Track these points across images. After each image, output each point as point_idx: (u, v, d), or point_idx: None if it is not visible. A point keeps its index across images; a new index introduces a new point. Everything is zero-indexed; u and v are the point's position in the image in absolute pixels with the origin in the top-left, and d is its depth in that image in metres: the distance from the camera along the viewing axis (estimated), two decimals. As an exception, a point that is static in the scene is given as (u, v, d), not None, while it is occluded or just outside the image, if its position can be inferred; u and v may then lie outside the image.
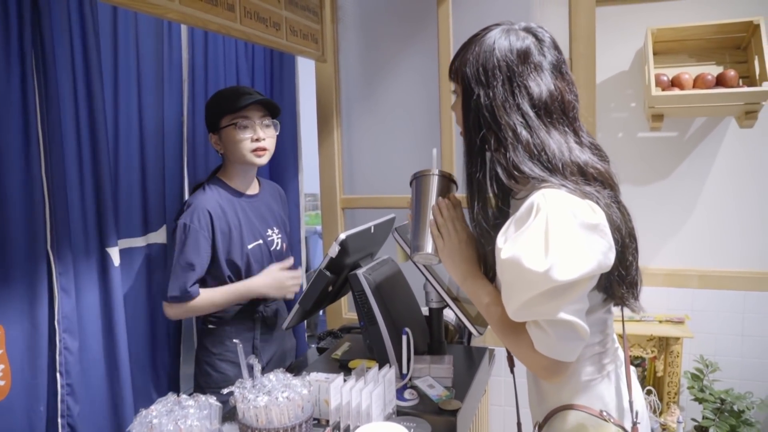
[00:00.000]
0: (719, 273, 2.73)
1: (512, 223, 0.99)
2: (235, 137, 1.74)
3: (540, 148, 1.00)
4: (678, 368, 2.59)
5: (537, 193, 0.96)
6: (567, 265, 0.90)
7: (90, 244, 1.63)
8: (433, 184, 1.20)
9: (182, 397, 1.19)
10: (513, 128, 1.01)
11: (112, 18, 1.76)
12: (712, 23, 2.50)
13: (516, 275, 0.94)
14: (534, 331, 0.98)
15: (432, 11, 2.15)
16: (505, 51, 1.04)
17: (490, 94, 1.03)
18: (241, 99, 1.73)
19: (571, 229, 0.92)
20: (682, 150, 2.75)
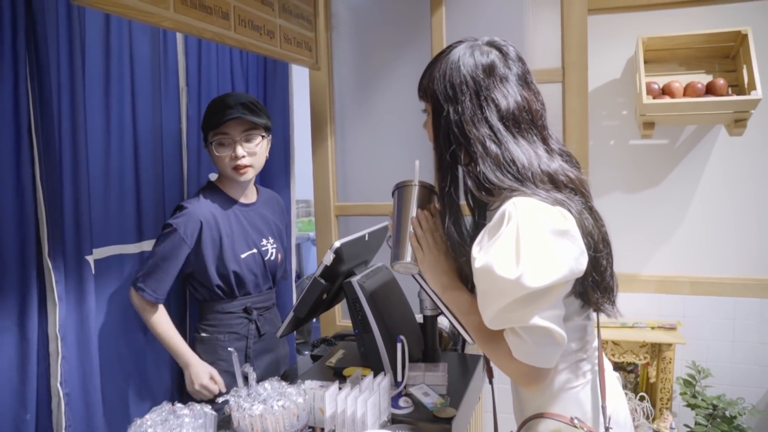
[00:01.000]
0: (711, 279, 2.76)
1: (486, 233, 1.01)
2: (216, 155, 1.74)
3: (509, 159, 1.03)
4: (670, 374, 2.60)
5: (508, 202, 0.98)
6: (538, 271, 0.91)
7: (82, 251, 1.62)
8: (413, 195, 1.22)
9: (177, 406, 1.18)
10: (482, 142, 1.03)
11: (104, 24, 1.75)
12: (702, 32, 2.54)
13: (489, 283, 0.96)
14: (511, 338, 0.99)
15: (426, 19, 2.17)
16: (471, 67, 1.07)
17: (458, 109, 1.05)
18: (221, 114, 1.71)
19: (541, 235, 0.93)
20: (673, 157, 2.77)
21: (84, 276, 1.61)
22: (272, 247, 1.87)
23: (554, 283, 0.92)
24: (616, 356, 2.66)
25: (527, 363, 0.98)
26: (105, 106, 1.76)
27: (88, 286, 1.63)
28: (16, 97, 1.42)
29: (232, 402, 1.22)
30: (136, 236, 1.85)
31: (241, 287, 1.79)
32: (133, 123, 1.84)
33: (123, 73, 1.80)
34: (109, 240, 1.76)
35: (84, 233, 1.61)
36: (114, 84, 1.78)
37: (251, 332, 1.81)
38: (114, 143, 1.78)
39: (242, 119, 1.72)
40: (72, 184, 1.58)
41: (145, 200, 1.87)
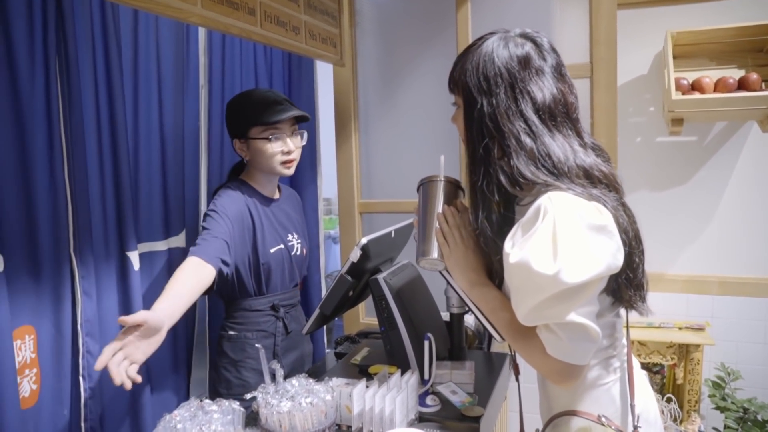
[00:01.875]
0: (741, 280, 2.70)
1: (519, 228, 0.99)
2: (266, 151, 1.73)
3: (545, 153, 1.01)
4: (698, 376, 2.55)
5: (543, 196, 0.97)
6: (576, 267, 0.90)
7: (110, 247, 1.63)
8: (439, 191, 1.21)
9: (205, 402, 1.18)
10: (516, 135, 1.02)
11: (133, 22, 1.77)
12: (733, 26, 2.48)
13: (525, 279, 0.94)
14: (545, 335, 0.98)
15: (451, 15, 2.15)
16: (506, 58, 1.04)
17: (492, 102, 1.03)
18: (273, 111, 1.71)
19: (578, 231, 0.92)
20: (702, 155, 2.72)
21: (109, 272, 1.63)
22: (297, 242, 1.87)
23: (592, 279, 0.91)
24: (643, 356, 2.62)
25: (562, 360, 0.97)
26: (134, 104, 1.77)
27: (113, 281, 1.64)
28: (48, 95, 1.43)
29: (259, 398, 1.21)
30: (164, 233, 1.86)
31: (269, 283, 1.79)
32: (160, 121, 1.85)
33: (150, 71, 1.82)
34: (140, 237, 1.77)
35: (110, 230, 1.62)
36: (142, 81, 1.79)
37: (279, 330, 1.81)
38: (142, 141, 1.79)
39: (292, 116, 1.75)
40: (99, 181, 1.60)
41: (171, 198, 1.88)
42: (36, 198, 1.40)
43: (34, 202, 1.40)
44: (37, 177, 1.40)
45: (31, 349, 1.38)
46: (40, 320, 1.41)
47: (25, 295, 1.37)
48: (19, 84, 1.37)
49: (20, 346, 1.34)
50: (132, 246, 1.67)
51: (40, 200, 1.41)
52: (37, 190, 1.40)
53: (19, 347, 1.34)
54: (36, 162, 1.40)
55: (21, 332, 1.36)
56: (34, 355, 1.39)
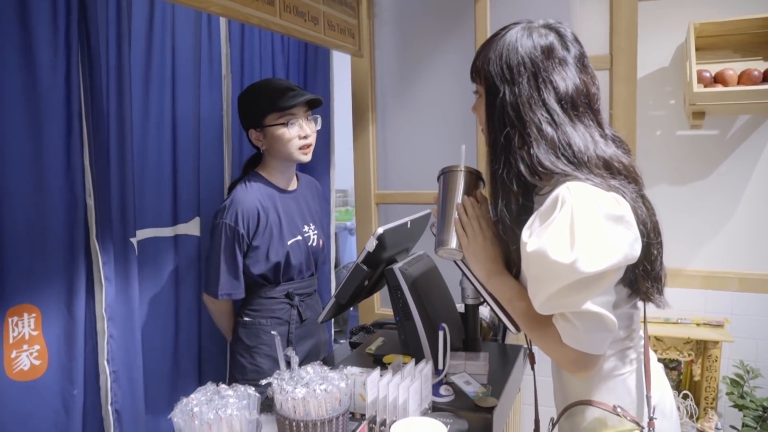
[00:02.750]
0: (762, 276, 2.65)
1: (537, 217, 0.99)
2: (284, 136, 1.75)
3: (565, 143, 1.01)
4: (716, 373, 2.52)
5: (561, 186, 0.97)
6: (593, 256, 0.90)
7: (128, 234, 1.66)
8: (459, 181, 1.21)
9: (221, 387, 1.20)
10: (537, 124, 1.02)
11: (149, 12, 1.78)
12: (759, 17, 2.42)
13: (542, 268, 0.94)
14: (561, 324, 0.98)
15: (469, 8, 2.13)
16: (530, 48, 1.04)
17: (515, 91, 1.03)
18: (288, 97, 1.73)
19: (596, 220, 0.92)
20: (724, 149, 2.67)
21: (129, 257, 1.66)
22: (314, 233, 1.88)
23: (609, 269, 0.91)
24: (659, 352, 2.59)
25: (577, 349, 0.97)
26: (146, 93, 1.79)
27: (133, 267, 1.67)
28: (68, 85, 1.46)
29: (275, 384, 1.22)
30: (171, 220, 1.89)
31: (286, 273, 1.81)
32: (173, 110, 1.87)
33: (165, 61, 1.84)
34: (145, 223, 1.80)
35: (129, 216, 1.65)
36: (155, 71, 1.81)
37: (293, 317, 1.83)
38: (162, 130, 1.82)
39: (306, 100, 1.76)
40: (118, 169, 1.62)
41: (182, 185, 1.90)
42: (52, 185, 1.43)
43: (49, 192, 1.43)
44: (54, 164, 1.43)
45: (31, 326, 1.42)
46: (46, 302, 1.44)
47: (26, 277, 1.40)
48: (40, 73, 1.40)
49: (17, 322, 1.39)
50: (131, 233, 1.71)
51: (55, 187, 1.43)
52: (53, 177, 1.43)
53: (15, 323, 1.38)
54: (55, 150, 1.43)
55: (19, 310, 1.39)
56: (36, 332, 1.43)
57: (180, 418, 1.11)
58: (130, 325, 1.65)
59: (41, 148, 1.41)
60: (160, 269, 1.88)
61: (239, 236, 1.70)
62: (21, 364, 1.41)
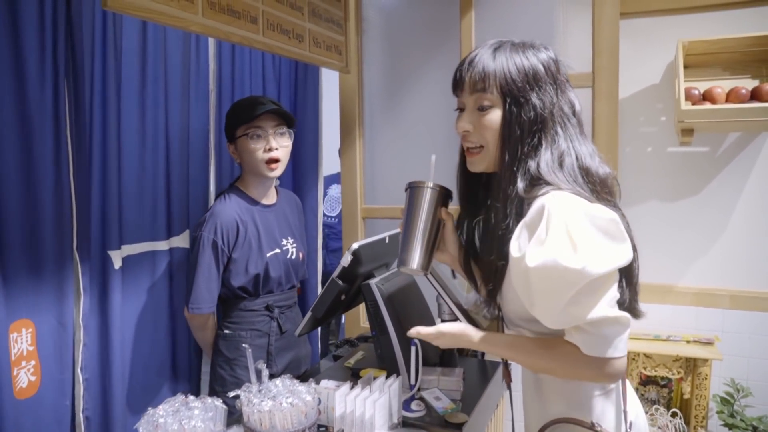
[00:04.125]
0: (753, 294, 2.63)
1: (524, 229, 1.00)
2: (248, 147, 1.78)
3: (573, 156, 1.04)
4: (706, 391, 2.50)
5: (545, 197, 0.98)
6: (598, 258, 0.92)
7: (111, 245, 1.69)
8: (425, 198, 1.19)
9: (190, 398, 1.22)
10: (556, 136, 1.04)
11: (141, 29, 1.83)
12: (747, 35, 2.43)
13: (552, 278, 0.94)
14: (579, 337, 0.98)
15: (455, 24, 2.16)
16: (545, 60, 1.06)
17: (542, 99, 1.04)
18: (254, 109, 1.76)
19: (589, 225, 0.94)
20: (714, 166, 2.67)
21: (108, 269, 1.68)
22: (293, 246, 1.91)
23: (614, 269, 0.94)
24: (648, 369, 2.58)
25: (602, 356, 0.97)
26: (140, 107, 1.83)
27: (111, 278, 1.70)
28: (56, 99, 1.50)
29: (243, 397, 1.24)
30: (166, 233, 1.91)
31: (265, 286, 1.83)
32: (166, 125, 1.91)
33: (157, 76, 1.88)
34: (140, 237, 1.83)
35: (110, 229, 1.68)
36: (149, 86, 1.85)
37: (273, 330, 1.85)
38: (148, 144, 1.85)
39: (275, 114, 1.79)
40: (100, 182, 1.65)
41: (174, 199, 1.93)
42: (41, 197, 1.46)
43: (39, 203, 1.46)
44: (43, 177, 1.46)
45: (28, 341, 1.44)
46: (39, 315, 1.46)
47: (23, 291, 1.42)
48: (28, 89, 1.44)
49: (16, 339, 1.40)
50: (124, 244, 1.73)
51: (45, 199, 1.47)
52: (42, 190, 1.46)
53: (15, 340, 1.40)
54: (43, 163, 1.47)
55: (18, 326, 1.41)
56: (32, 347, 1.45)
57: (145, 429, 1.12)
58: (104, 335, 1.68)
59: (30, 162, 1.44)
60: (153, 282, 1.90)
61: (218, 249, 1.73)
62: (21, 381, 1.43)
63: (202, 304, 1.74)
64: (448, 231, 1.21)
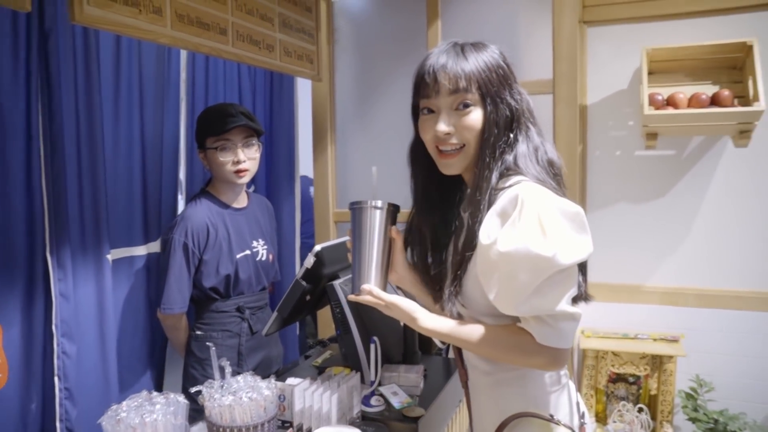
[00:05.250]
0: (717, 292, 2.72)
1: (495, 217, 1.02)
2: (217, 160, 1.84)
3: (543, 149, 1.10)
4: (672, 387, 2.58)
5: (517, 187, 1.02)
6: (568, 249, 0.96)
7: (88, 251, 1.73)
8: (376, 220, 1.14)
9: (153, 394, 1.28)
10: (527, 131, 1.09)
11: (115, 39, 1.88)
12: (708, 43, 2.52)
13: (521, 264, 0.96)
14: (537, 327, 1.01)
15: (422, 33, 2.24)
16: (505, 59, 1.11)
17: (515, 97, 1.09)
18: (224, 122, 1.81)
19: (559, 217, 0.98)
20: (680, 168, 2.75)
21: (88, 275, 1.73)
22: (263, 248, 1.97)
23: (579, 261, 0.98)
24: (617, 367, 2.66)
25: (555, 347, 1.01)
26: (114, 117, 1.88)
27: (95, 284, 1.74)
28: (28, 109, 1.55)
29: (205, 392, 1.30)
30: (143, 238, 1.97)
31: (236, 287, 1.89)
32: (141, 132, 1.96)
33: (132, 86, 1.93)
34: (118, 242, 1.88)
35: (88, 235, 1.72)
36: (123, 95, 1.90)
37: (244, 330, 1.91)
38: (122, 152, 1.90)
39: (244, 126, 1.83)
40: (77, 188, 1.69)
41: (150, 205, 1.99)
42: (12, 203, 1.51)
43: (10, 207, 1.51)
44: (14, 182, 1.52)
45: None
46: (8, 317, 1.51)
47: None
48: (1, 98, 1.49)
49: None
50: (107, 250, 1.78)
51: (14, 206, 1.52)
52: (12, 196, 1.51)
53: None
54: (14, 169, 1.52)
55: None
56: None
57: (107, 423, 1.18)
58: (86, 343, 1.71)
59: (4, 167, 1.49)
60: (132, 287, 1.95)
61: (189, 251, 1.78)
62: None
63: (174, 304, 1.80)
64: (398, 250, 1.21)
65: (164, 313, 1.80)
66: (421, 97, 1.11)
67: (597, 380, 2.72)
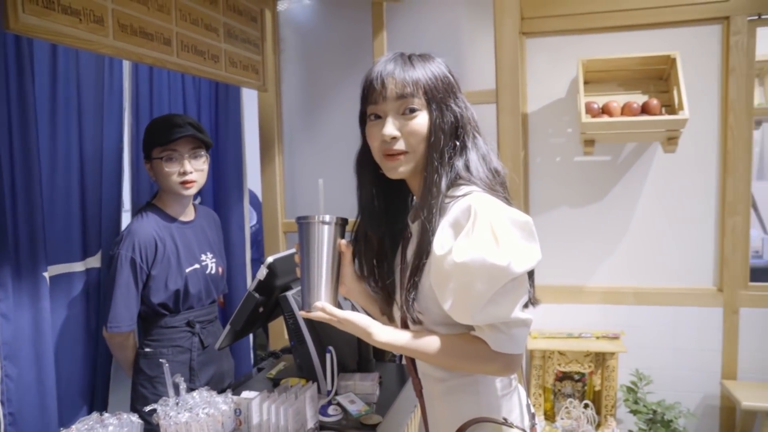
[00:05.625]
0: (653, 290, 2.87)
1: (448, 228, 1.04)
2: (163, 170, 1.80)
3: (489, 158, 1.12)
4: (614, 382, 2.70)
5: (468, 197, 1.04)
6: (520, 257, 0.98)
7: (24, 269, 1.66)
8: (324, 235, 1.13)
9: (105, 416, 1.24)
10: (474, 139, 1.11)
11: (51, 47, 1.81)
12: (637, 56, 2.68)
13: (476, 274, 0.97)
14: (491, 335, 1.03)
15: (368, 43, 2.27)
16: (450, 70, 1.13)
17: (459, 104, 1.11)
18: (170, 132, 1.78)
19: (510, 226, 1.00)
20: (616, 173, 2.90)
21: (32, 293, 1.65)
22: (211, 261, 1.94)
23: (531, 267, 1.00)
24: (563, 366, 2.76)
25: (509, 353, 1.04)
26: (51, 128, 1.80)
27: (37, 303, 1.66)
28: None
29: (159, 410, 1.27)
30: (81, 254, 1.90)
31: (186, 302, 1.85)
32: (80, 144, 1.89)
33: (69, 96, 1.86)
34: (58, 258, 1.80)
35: (22, 252, 1.64)
36: (60, 107, 1.83)
37: (195, 345, 1.87)
38: (60, 164, 1.83)
39: (191, 137, 1.81)
40: (11, 204, 1.61)
41: (89, 219, 1.92)
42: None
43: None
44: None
45: None
46: None
47: None
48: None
49: None
50: (45, 267, 1.70)
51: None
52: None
53: None
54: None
55: None
56: None
57: (57, 449, 1.14)
58: (25, 364, 1.62)
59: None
60: (72, 305, 1.87)
61: (137, 266, 1.74)
62: None
63: (122, 322, 1.74)
64: (346, 263, 1.19)
65: (111, 331, 1.74)
66: (369, 103, 1.12)
67: (545, 379, 2.81)
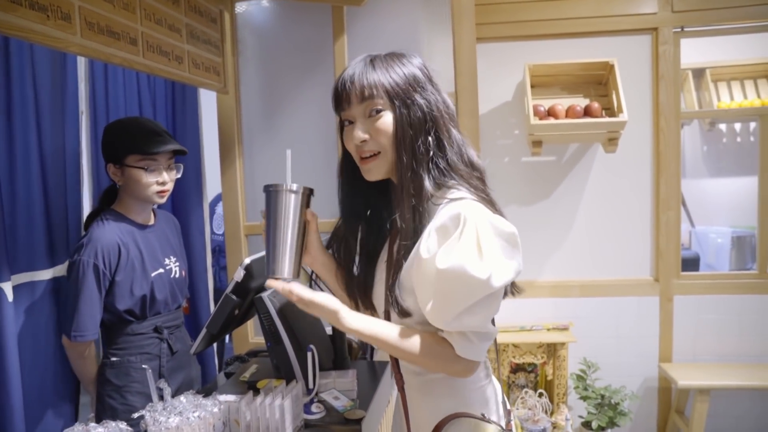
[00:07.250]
0: (597, 282, 3.05)
1: (434, 233, 1.04)
2: (141, 180, 1.76)
3: (467, 153, 1.13)
4: (565, 371, 2.85)
5: (458, 204, 1.04)
6: (500, 271, 0.99)
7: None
8: (290, 202, 1.14)
9: (91, 426, 1.20)
10: (449, 132, 1.12)
11: (3, 44, 1.72)
12: (578, 62, 2.85)
13: (456, 284, 0.99)
14: (458, 340, 1.06)
15: (328, 46, 2.30)
16: (421, 65, 1.14)
17: (428, 99, 1.10)
18: (153, 143, 1.74)
19: (496, 238, 1.01)
20: (561, 172, 3.06)
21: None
22: (175, 265, 1.91)
23: (508, 282, 1.03)
24: (517, 358, 2.88)
25: (474, 359, 1.08)
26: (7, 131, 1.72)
27: None
28: None
29: (147, 417, 1.25)
30: (48, 262, 1.81)
31: (152, 307, 1.81)
32: (39, 148, 1.80)
33: (26, 97, 1.77)
34: (19, 267, 1.72)
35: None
36: (16, 108, 1.74)
37: (164, 351, 1.83)
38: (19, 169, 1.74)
39: (172, 149, 1.79)
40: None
41: (53, 226, 1.84)
42: None
43: None
44: None
45: None
46: None
47: None
48: None
49: None
50: (6, 276, 1.62)
51: None
52: None
53: None
54: None
55: None
56: None
57: (45, 460, 1.10)
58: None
59: None
60: (37, 315, 1.78)
61: (100, 273, 1.68)
62: None
63: (86, 331, 1.68)
64: (312, 232, 1.21)
65: (76, 340, 1.67)
66: (339, 110, 1.15)
67: (500, 372, 2.91)
